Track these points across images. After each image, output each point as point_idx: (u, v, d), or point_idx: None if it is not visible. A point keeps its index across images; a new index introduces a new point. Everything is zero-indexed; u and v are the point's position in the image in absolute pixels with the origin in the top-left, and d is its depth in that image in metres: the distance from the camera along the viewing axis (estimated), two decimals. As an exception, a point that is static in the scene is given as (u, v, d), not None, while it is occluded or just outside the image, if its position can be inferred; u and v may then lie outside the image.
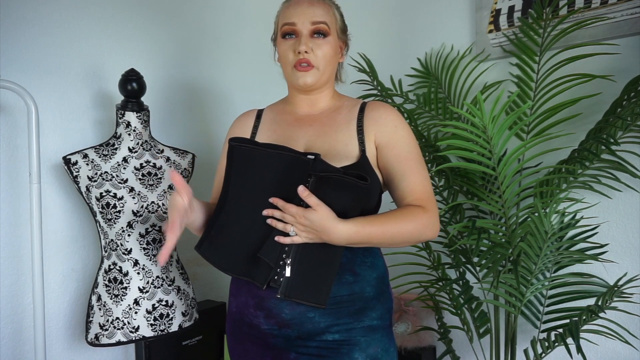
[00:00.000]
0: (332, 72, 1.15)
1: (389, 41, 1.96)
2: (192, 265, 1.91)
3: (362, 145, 1.08)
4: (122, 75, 1.47)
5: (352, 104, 1.17)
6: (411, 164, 1.07)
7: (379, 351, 1.04)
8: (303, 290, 0.96)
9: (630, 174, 1.35)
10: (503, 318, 1.60)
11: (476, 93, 1.54)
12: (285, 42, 1.11)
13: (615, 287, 1.30)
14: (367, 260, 1.06)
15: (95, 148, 1.48)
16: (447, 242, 1.54)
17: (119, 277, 1.43)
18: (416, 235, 1.02)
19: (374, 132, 1.09)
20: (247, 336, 1.08)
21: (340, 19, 1.17)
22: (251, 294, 1.05)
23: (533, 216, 1.27)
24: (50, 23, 1.54)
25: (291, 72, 1.11)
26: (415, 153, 1.09)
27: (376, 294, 1.06)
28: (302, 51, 1.07)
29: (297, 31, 1.09)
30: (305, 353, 1.02)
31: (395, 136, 1.09)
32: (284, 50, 1.11)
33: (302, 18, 1.09)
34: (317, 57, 1.09)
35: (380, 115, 1.11)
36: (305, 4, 1.11)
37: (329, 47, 1.10)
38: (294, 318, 1.01)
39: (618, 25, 1.43)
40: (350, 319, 1.02)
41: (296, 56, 1.09)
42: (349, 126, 1.11)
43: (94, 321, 1.44)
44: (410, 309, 1.78)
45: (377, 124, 1.10)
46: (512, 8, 1.64)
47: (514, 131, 1.21)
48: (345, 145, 1.08)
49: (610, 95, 1.40)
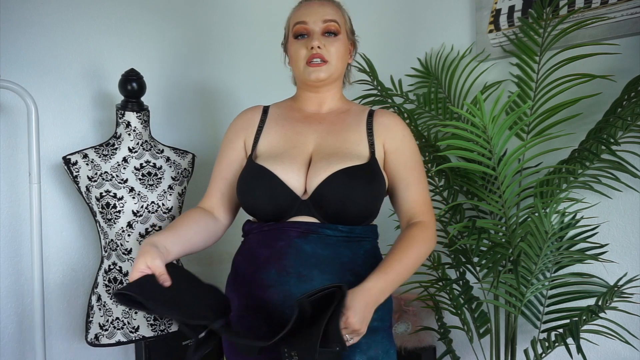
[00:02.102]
0: (342, 70, 1.17)
1: (389, 41, 1.96)
2: (192, 265, 1.91)
3: (372, 148, 1.10)
4: (122, 75, 1.47)
5: (360, 109, 1.19)
6: (416, 174, 1.12)
7: (380, 353, 1.03)
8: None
9: (630, 174, 1.35)
10: (503, 318, 1.60)
11: (476, 93, 1.54)
12: (297, 42, 1.13)
13: (616, 287, 1.30)
14: (368, 261, 1.06)
15: (95, 148, 1.48)
16: (447, 242, 1.54)
17: (119, 277, 1.43)
18: (426, 254, 1.07)
19: (383, 137, 1.12)
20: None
21: (349, 20, 1.20)
22: (251, 296, 1.04)
23: (533, 216, 1.27)
24: (50, 23, 1.54)
25: (303, 69, 1.12)
26: (420, 164, 1.14)
27: None
28: (315, 46, 1.09)
29: (309, 30, 1.11)
30: None
31: (404, 145, 1.12)
32: (296, 48, 1.12)
33: (313, 17, 1.11)
34: (330, 52, 1.11)
35: (390, 123, 1.14)
36: (316, 4, 1.13)
37: (340, 44, 1.13)
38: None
39: (618, 25, 1.43)
40: None
41: (309, 52, 1.10)
42: (359, 127, 1.13)
43: (94, 321, 1.44)
44: (410, 309, 1.78)
45: (387, 130, 1.13)
46: (512, 8, 1.64)
47: (514, 131, 1.21)
48: (356, 144, 1.10)
49: (610, 95, 1.39)
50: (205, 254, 1.96)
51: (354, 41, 1.22)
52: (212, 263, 1.97)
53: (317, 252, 1.01)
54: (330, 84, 1.16)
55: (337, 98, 1.19)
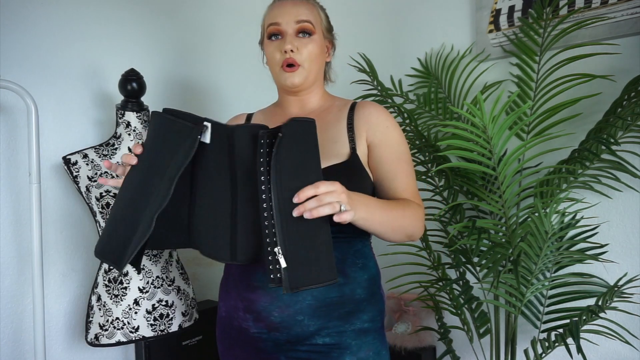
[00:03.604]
0: (318, 71, 1.14)
1: (389, 41, 1.96)
2: (192, 265, 1.91)
3: (353, 143, 1.07)
4: (122, 75, 1.47)
5: (343, 103, 1.16)
6: (403, 165, 1.08)
7: (371, 355, 1.02)
8: (306, 274, 0.85)
9: (630, 174, 1.35)
10: (503, 318, 1.60)
11: (476, 93, 1.54)
12: (271, 43, 1.11)
13: (616, 287, 1.30)
14: (358, 261, 1.05)
15: (95, 148, 1.48)
16: (447, 242, 1.54)
17: (118, 277, 1.43)
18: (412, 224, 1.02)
19: (365, 130, 1.08)
20: (235, 341, 1.07)
21: (325, 18, 1.17)
22: (240, 297, 1.05)
23: (533, 216, 1.27)
24: (50, 23, 1.54)
25: (279, 73, 1.11)
26: (406, 154, 1.10)
27: (367, 295, 1.04)
28: (287, 50, 1.07)
29: (282, 31, 1.09)
30: (295, 357, 1.00)
31: (387, 136, 1.08)
32: (271, 51, 1.11)
33: (286, 18, 1.09)
34: (302, 55, 1.08)
35: (372, 114, 1.10)
36: (289, 4, 1.11)
37: (314, 45, 1.10)
38: (283, 321, 0.99)
39: (618, 25, 1.43)
40: (341, 322, 1.00)
41: (283, 56, 1.08)
42: (338, 124, 1.10)
43: (94, 321, 1.44)
44: (410, 309, 1.78)
45: (369, 123, 1.09)
46: (512, 8, 1.64)
47: (514, 131, 1.21)
48: (334, 143, 1.07)
49: (610, 95, 1.40)
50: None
51: (332, 39, 1.19)
52: (212, 264, 1.97)
53: None
54: (309, 87, 1.14)
55: (319, 97, 1.17)
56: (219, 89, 2.12)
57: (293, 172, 0.87)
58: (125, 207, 0.95)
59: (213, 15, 2.08)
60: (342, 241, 1.04)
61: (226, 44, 2.13)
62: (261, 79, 2.15)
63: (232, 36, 2.14)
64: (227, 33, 2.13)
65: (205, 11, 2.05)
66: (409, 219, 1.01)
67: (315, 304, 0.99)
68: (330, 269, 0.86)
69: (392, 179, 1.07)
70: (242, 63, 2.17)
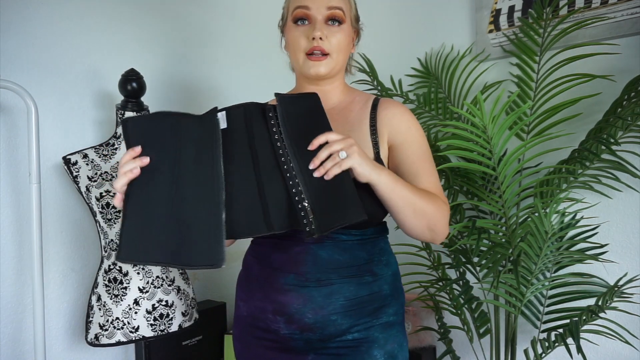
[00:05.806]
0: (344, 62, 1.09)
1: (389, 41, 1.96)
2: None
3: (377, 148, 1.04)
4: (122, 75, 1.47)
5: (364, 99, 1.11)
6: (425, 164, 1.05)
7: (396, 347, 1.03)
8: (335, 216, 0.89)
9: (630, 174, 1.35)
10: (503, 318, 1.60)
11: (476, 93, 1.54)
12: (297, 28, 1.04)
13: (616, 287, 1.30)
14: (382, 258, 1.06)
15: (95, 148, 1.48)
16: (447, 242, 1.54)
17: (118, 277, 1.43)
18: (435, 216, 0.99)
19: (387, 131, 1.05)
20: (260, 341, 1.06)
21: (354, 6, 1.11)
22: (269, 299, 1.03)
23: (533, 216, 1.27)
24: (50, 23, 1.54)
25: (303, 62, 1.04)
26: (428, 153, 1.06)
27: (392, 290, 1.05)
28: (316, 37, 1.00)
29: (311, 16, 1.02)
30: (324, 353, 1.00)
31: (409, 137, 1.05)
32: (296, 36, 1.04)
33: (317, 2, 1.02)
34: (332, 44, 1.03)
35: (395, 115, 1.06)
36: None
37: (343, 35, 1.04)
38: (316, 322, 0.99)
39: (618, 25, 1.43)
40: (370, 318, 1.01)
41: (309, 43, 1.02)
42: (362, 126, 1.06)
43: (94, 321, 1.44)
44: (411, 309, 1.78)
45: (391, 124, 1.05)
46: (512, 8, 1.64)
47: (514, 131, 1.21)
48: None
49: (610, 95, 1.40)
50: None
51: (358, 29, 1.13)
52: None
53: (334, 257, 1.00)
54: (332, 77, 1.09)
55: (340, 90, 1.12)
56: (219, 89, 2.12)
57: (304, 135, 0.92)
58: (166, 214, 0.92)
59: (213, 15, 2.08)
60: (367, 242, 1.04)
61: (226, 44, 2.13)
62: (261, 79, 2.15)
63: (232, 36, 2.14)
64: (228, 33, 2.13)
65: (205, 11, 2.05)
66: (433, 208, 0.98)
67: (348, 304, 1.00)
68: (356, 207, 0.90)
69: (413, 180, 1.03)
70: (242, 63, 2.17)
